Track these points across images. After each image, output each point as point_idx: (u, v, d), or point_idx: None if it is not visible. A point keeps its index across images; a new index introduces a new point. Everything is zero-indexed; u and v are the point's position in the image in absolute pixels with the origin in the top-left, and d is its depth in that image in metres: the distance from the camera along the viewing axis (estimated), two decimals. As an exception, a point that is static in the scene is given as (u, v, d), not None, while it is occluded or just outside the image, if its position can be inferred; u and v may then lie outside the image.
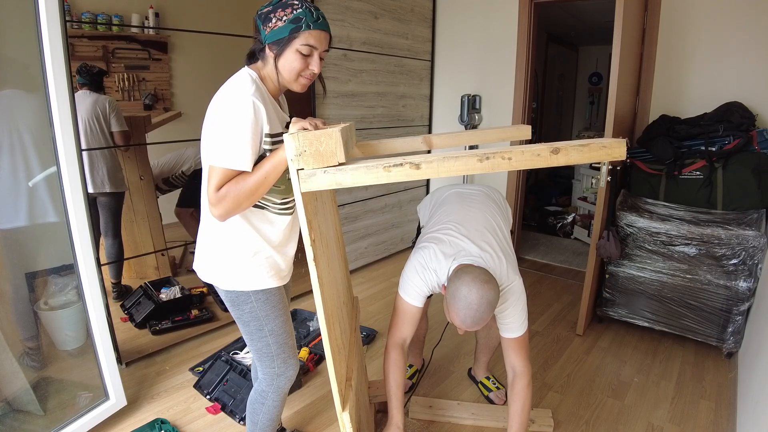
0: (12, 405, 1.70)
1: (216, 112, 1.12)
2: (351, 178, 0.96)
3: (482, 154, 0.93)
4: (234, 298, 1.27)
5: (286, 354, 1.34)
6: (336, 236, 1.49)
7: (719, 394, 2.03)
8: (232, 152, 1.07)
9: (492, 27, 3.40)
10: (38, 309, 1.89)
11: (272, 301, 1.29)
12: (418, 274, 1.52)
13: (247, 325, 1.29)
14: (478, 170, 0.94)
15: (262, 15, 1.14)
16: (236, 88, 1.11)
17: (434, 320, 2.65)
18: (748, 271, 2.13)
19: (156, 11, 2.10)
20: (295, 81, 1.17)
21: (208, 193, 1.09)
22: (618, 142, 0.93)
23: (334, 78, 2.99)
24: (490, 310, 1.32)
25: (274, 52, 1.14)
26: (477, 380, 2.10)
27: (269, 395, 1.37)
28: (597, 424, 1.85)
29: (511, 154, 0.93)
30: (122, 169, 2.19)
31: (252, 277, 1.25)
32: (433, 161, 0.94)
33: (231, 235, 1.22)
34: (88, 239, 1.65)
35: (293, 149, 0.95)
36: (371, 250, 3.57)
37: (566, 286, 3.24)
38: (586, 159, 0.95)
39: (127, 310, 2.36)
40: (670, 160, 2.39)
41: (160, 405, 1.93)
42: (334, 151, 0.95)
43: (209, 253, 1.27)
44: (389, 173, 0.95)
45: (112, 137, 2.11)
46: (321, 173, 0.96)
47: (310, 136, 0.94)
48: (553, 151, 0.93)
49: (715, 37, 2.58)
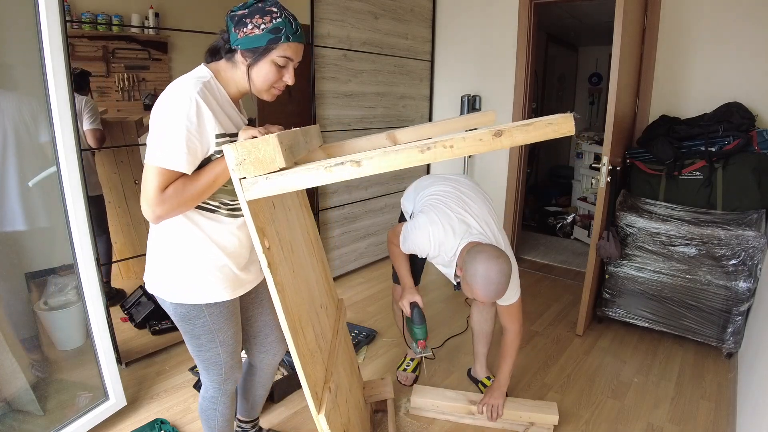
0: (12, 405, 1.70)
1: (155, 109, 1.05)
2: (292, 182, 0.95)
3: (423, 144, 0.91)
4: (185, 313, 1.18)
5: (234, 360, 1.31)
6: (308, 240, 1.47)
7: (719, 395, 2.03)
8: (166, 151, 1.01)
9: (492, 27, 3.40)
10: (38, 309, 1.90)
11: (226, 313, 1.22)
12: (425, 241, 1.62)
13: (197, 338, 1.22)
14: (420, 161, 0.92)
15: (236, 17, 1.08)
16: (179, 86, 1.05)
17: (433, 321, 2.66)
18: (747, 272, 2.13)
19: (156, 11, 2.10)
20: (267, 91, 1.14)
21: (149, 192, 1.02)
22: (564, 117, 0.88)
23: (334, 78, 2.99)
24: (507, 281, 1.49)
25: (247, 60, 1.08)
26: (478, 380, 2.11)
27: (219, 399, 1.34)
28: (597, 424, 1.85)
29: (452, 142, 0.90)
30: (95, 173, 2.12)
31: (205, 289, 1.17)
32: (374, 157, 0.92)
33: (182, 245, 1.15)
34: (87, 239, 1.65)
35: (233, 159, 0.94)
36: (371, 251, 3.57)
37: (566, 286, 3.24)
38: (532, 138, 0.90)
39: (126, 310, 2.36)
40: (670, 160, 2.39)
41: (159, 405, 1.93)
42: (273, 156, 0.93)
43: (158, 264, 1.18)
44: (331, 173, 0.94)
45: (84, 137, 2.03)
46: (263, 180, 0.95)
47: (248, 145, 0.93)
48: (496, 134, 0.89)
49: (715, 37, 2.58)
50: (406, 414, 1.90)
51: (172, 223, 1.14)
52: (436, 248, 1.62)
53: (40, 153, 1.72)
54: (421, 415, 1.89)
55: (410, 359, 2.19)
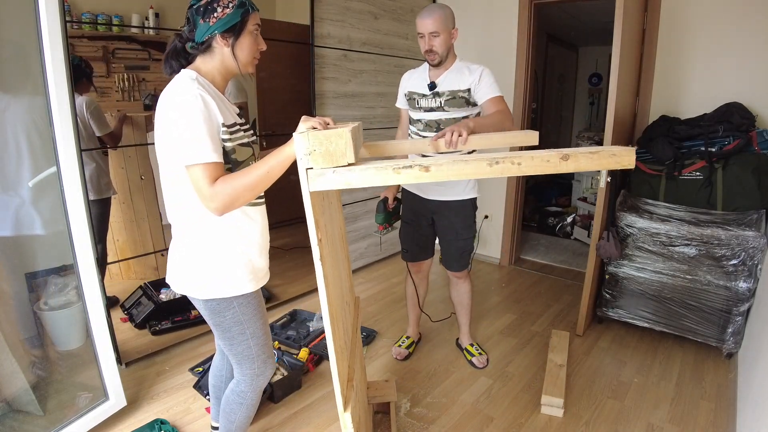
0: (12, 405, 1.70)
1: (166, 116, 1.09)
2: (360, 179, 0.95)
3: (492, 158, 0.94)
4: (214, 306, 1.24)
5: (266, 354, 1.35)
6: (340, 235, 1.50)
7: (719, 395, 2.03)
8: (195, 148, 1.05)
9: (492, 27, 3.40)
10: (38, 309, 1.90)
11: (253, 304, 1.28)
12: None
13: (228, 330, 1.27)
14: (487, 174, 0.95)
15: (201, 8, 1.12)
16: (179, 88, 1.09)
17: (432, 324, 2.66)
18: (747, 272, 2.13)
19: (156, 11, 2.10)
20: (251, 63, 1.21)
21: (200, 189, 1.06)
22: (627, 151, 0.94)
23: (334, 78, 2.99)
24: (439, 7, 1.79)
25: (229, 41, 1.14)
26: (462, 347, 2.34)
27: (248, 395, 1.37)
28: (597, 424, 1.85)
29: (521, 159, 0.94)
30: (107, 174, 2.15)
31: (232, 283, 1.22)
32: (443, 164, 0.94)
33: (208, 242, 1.19)
34: (87, 240, 1.65)
35: (303, 148, 0.94)
36: (371, 251, 3.57)
37: (566, 286, 3.24)
38: (595, 166, 0.96)
39: (126, 310, 2.36)
40: (670, 160, 2.39)
41: (159, 405, 1.93)
42: (344, 151, 0.94)
43: (185, 264, 1.23)
44: (399, 175, 0.95)
45: (100, 141, 2.07)
46: (330, 173, 0.95)
47: (321, 136, 0.94)
48: (563, 157, 0.94)
49: (715, 37, 2.58)
50: (407, 414, 1.90)
51: (193, 220, 1.18)
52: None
53: (53, 156, 1.72)
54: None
55: (406, 337, 2.40)
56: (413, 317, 2.38)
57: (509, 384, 2.11)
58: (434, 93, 1.91)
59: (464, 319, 2.31)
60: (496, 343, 2.46)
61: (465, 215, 2.05)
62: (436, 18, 1.78)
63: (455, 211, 2.03)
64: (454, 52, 1.92)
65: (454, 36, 1.87)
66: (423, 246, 2.18)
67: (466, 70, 1.88)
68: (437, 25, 1.78)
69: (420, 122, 1.97)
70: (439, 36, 1.81)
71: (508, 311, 2.84)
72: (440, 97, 1.90)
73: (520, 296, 3.06)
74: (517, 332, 2.58)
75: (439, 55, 1.85)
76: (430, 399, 2.00)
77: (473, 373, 2.20)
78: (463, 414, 1.91)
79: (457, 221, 2.04)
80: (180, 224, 1.21)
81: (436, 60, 1.87)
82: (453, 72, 1.90)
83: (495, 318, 2.74)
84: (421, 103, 1.95)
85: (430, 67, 1.94)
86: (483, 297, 3.03)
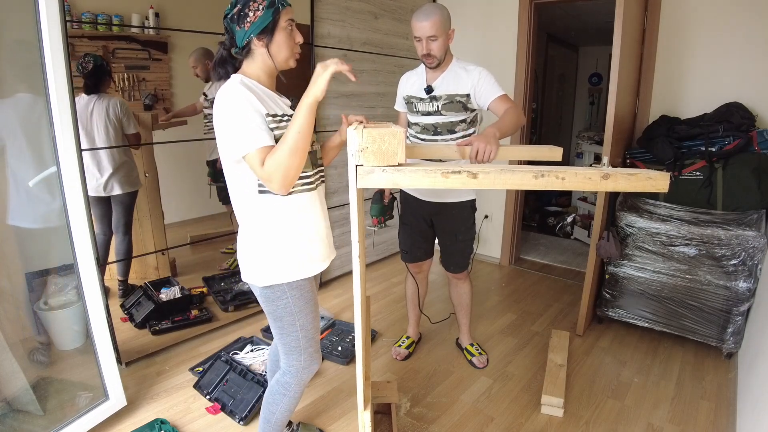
0: (12, 405, 1.70)
1: (218, 119, 1.17)
2: (408, 180, 0.96)
3: (538, 171, 0.96)
4: (269, 294, 1.30)
5: (313, 348, 1.38)
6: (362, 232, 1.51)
7: (719, 395, 2.03)
8: (248, 135, 1.12)
9: (492, 27, 3.40)
10: (38, 309, 1.90)
11: (305, 297, 1.33)
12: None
13: (280, 319, 1.32)
14: (532, 186, 0.97)
15: (234, 16, 1.18)
16: (224, 91, 1.17)
17: (432, 324, 2.66)
18: (747, 272, 2.13)
19: (156, 11, 2.10)
20: (290, 58, 1.26)
21: (259, 174, 1.14)
22: (662, 176, 0.97)
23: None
24: (437, 9, 1.76)
25: (264, 41, 1.20)
26: (462, 347, 2.34)
27: (292, 387, 1.40)
28: (597, 424, 1.85)
29: (564, 175, 0.96)
30: (136, 168, 2.24)
31: (287, 267, 1.27)
32: (491, 172, 0.95)
33: (262, 230, 1.25)
34: (87, 239, 1.65)
35: (355, 144, 0.95)
36: (371, 251, 3.57)
37: (566, 286, 3.24)
38: (631, 188, 0.99)
39: (127, 310, 2.36)
40: (670, 160, 2.39)
41: (159, 405, 1.93)
42: (395, 150, 0.95)
43: (248, 253, 1.30)
44: (447, 179, 0.96)
45: (127, 139, 2.14)
46: (380, 171, 0.96)
47: (374, 134, 0.94)
48: (604, 176, 0.96)
49: (715, 37, 2.58)
50: (407, 414, 1.90)
51: (248, 212, 1.26)
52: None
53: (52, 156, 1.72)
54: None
55: (406, 337, 2.40)
56: (413, 317, 2.38)
57: (509, 384, 2.12)
58: (431, 97, 1.90)
59: (464, 319, 2.31)
60: (496, 343, 2.46)
61: (464, 217, 2.04)
62: (434, 21, 1.75)
63: (454, 213, 2.02)
64: (450, 51, 1.91)
65: (451, 37, 1.86)
66: (422, 247, 2.17)
67: (463, 72, 1.87)
68: (435, 28, 1.76)
69: (417, 125, 1.97)
70: (437, 40, 1.78)
71: (508, 311, 2.84)
72: (437, 101, 1.89)
73: (520, 296, 3.07)
74: (517, 332, 2.58)
75: (437, 58, 1.83)
76: (430, 399, 2.00)
77: (473, 373, 2.20)
78: (463, 414, 1.91)
79: (456, 223, 2.04)
80: (240, 217, 1.29)
81: (434, 63, 1.85)
82: (450, 74, 1.89)
83: (495, 318, 2.74)
84: (418, 107, 1.94)
85: (427, 69, 1.92)
86: (483, 297, 3.03)
